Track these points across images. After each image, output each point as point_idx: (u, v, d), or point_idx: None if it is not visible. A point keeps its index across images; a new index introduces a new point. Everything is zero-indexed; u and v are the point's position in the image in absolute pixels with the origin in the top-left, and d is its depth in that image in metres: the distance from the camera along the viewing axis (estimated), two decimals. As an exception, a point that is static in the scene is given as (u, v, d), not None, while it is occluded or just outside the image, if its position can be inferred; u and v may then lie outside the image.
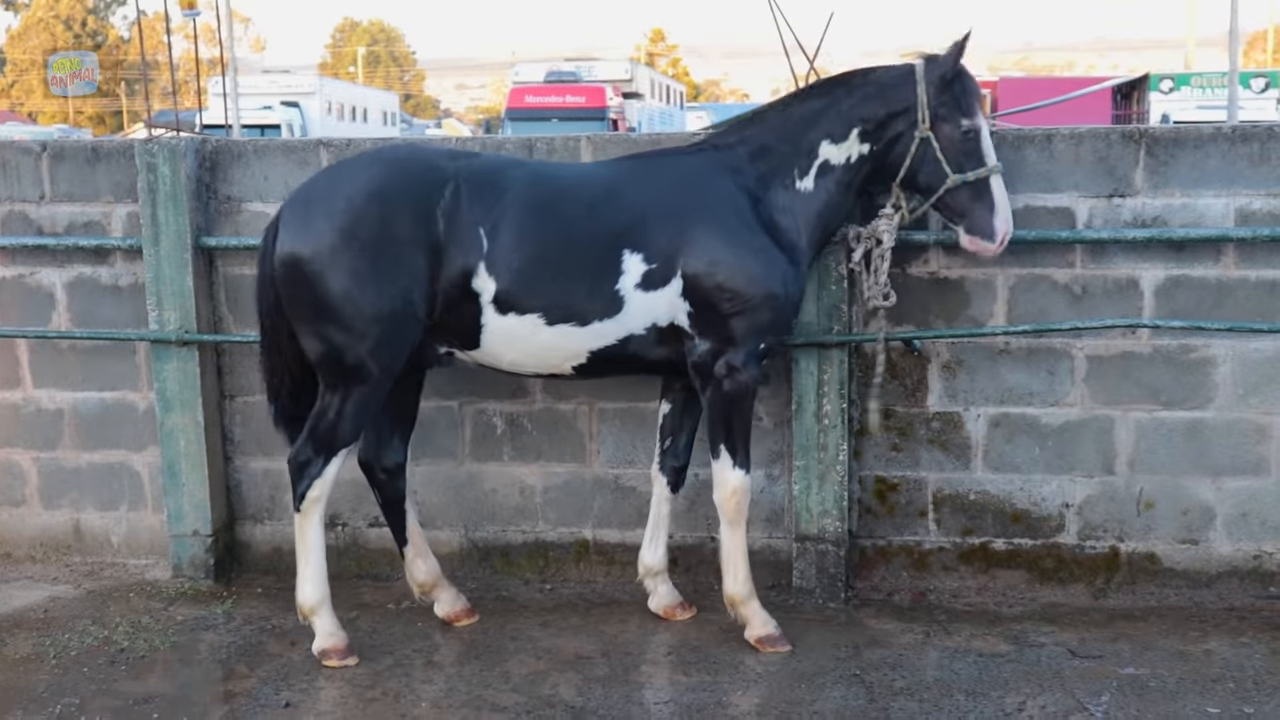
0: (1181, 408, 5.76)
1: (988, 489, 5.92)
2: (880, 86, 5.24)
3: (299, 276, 4.91)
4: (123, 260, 6.23)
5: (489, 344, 5.05)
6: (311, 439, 5.07)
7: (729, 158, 5.22)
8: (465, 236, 4.90)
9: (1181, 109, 31.51)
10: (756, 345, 5.11)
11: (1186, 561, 5.85)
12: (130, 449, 6.38)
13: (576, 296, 4.97)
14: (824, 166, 5.24)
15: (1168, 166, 5.64)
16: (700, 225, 5.03)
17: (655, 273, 5.00)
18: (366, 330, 4.87)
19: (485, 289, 4.92)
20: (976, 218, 5.20)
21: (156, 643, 5.47)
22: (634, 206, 5.05)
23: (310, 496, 5.11)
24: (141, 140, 6.16)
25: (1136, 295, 5.71)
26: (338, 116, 40.60)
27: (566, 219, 5.01)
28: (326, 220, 4.89)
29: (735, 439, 5.19)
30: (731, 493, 5.23)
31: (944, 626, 5.53)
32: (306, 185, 5.16)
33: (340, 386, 4.99)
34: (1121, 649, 5.27)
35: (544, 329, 4.99)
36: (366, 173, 5.00)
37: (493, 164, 5.14)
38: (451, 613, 5.60)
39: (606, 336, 5.04)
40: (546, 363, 5.15)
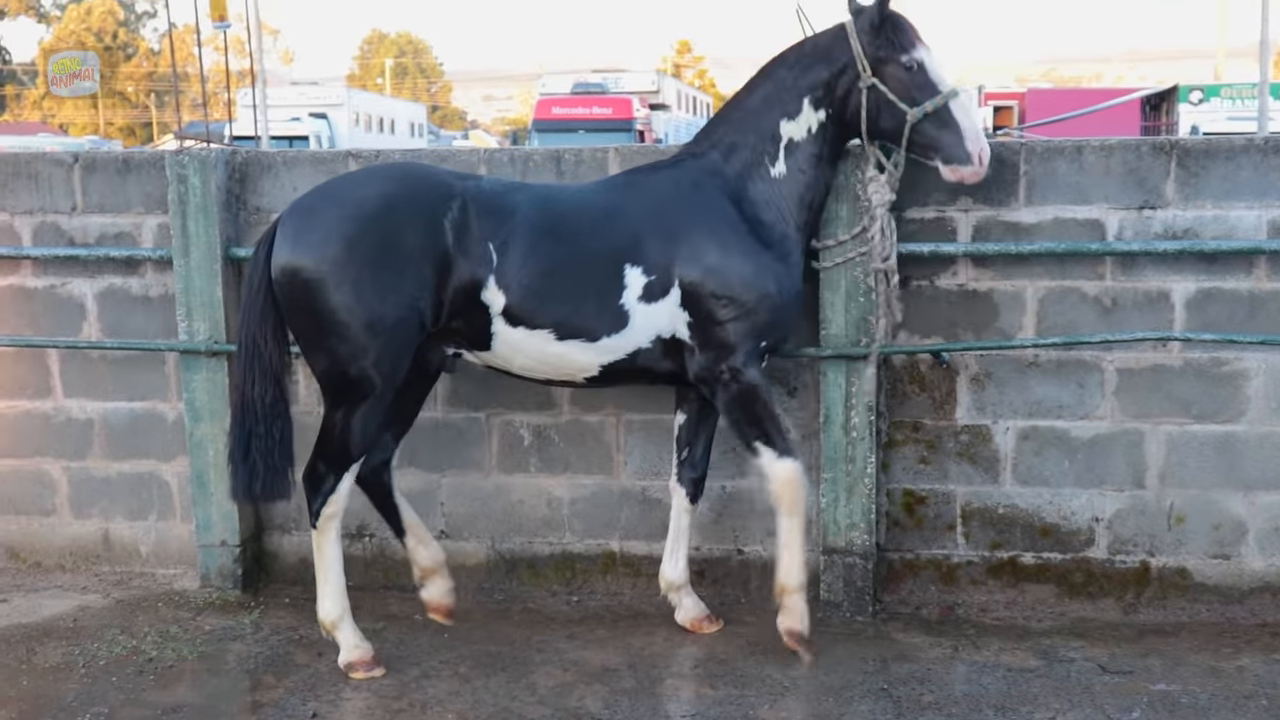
0: (1213, 421, 5.72)
1: (1017, 502, 5.88)
2: (817, 51, 5.29)
3: (302, 288, 4.90)
4: (153, 271, 6.26)
5: (500, 350, 5.11)
6: (323, 456, 5.08)
7: (706, 163, 5.29)
8: (475, 250, 4.95)
9: (1211, 120, 31.34)
10: (756, 346, 5.15)
11: (1218, 576, 5.80)
12: (159, 459, 6.41)
13: (585, 312, 5.03)
14: (790, 146, 5.28)
15: (1199, 178, 5.61)
16: (690, 235, 5.10)
17: (655, 285, 5.06)
18: (369, 342, 4.88)
19: (495, 302, 4.98)
20: (948, 145, 5.15)
21: (184, 652, 5.48)
22: (630, 222, 5.12)
23: (326, 513, 5.11)
24: (172, 152, 6.19)
25: (1167, 308, 5.67)
26: (365, 128, 40.76)
27: (571, 238, 5.07)
28: (331, 229, 4.89)
29: (768, 431, 5.17)
30: (785, 483, 5.18)
31: (972, 641, 5.49)
32: (307, 197, 5.16)
33: (345, 400, 4.99)
34: (1152, 665, 5.22)
35: (554, 343, 5.05)
36: (373, 183, 5.06)
37: (500, 185, 5.22)
38: (434, 601, 5.60)
39: (616, 351, 5.11)
40: (559, 372, 5.20)
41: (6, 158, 6.54)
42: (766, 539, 5.99)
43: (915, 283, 5.76)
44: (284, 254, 4.93)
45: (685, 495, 5.60)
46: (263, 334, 5.04)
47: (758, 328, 5.12)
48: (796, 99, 5.27)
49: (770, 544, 5.97)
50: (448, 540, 6.21)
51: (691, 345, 5.13)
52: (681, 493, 5.60)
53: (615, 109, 33.66)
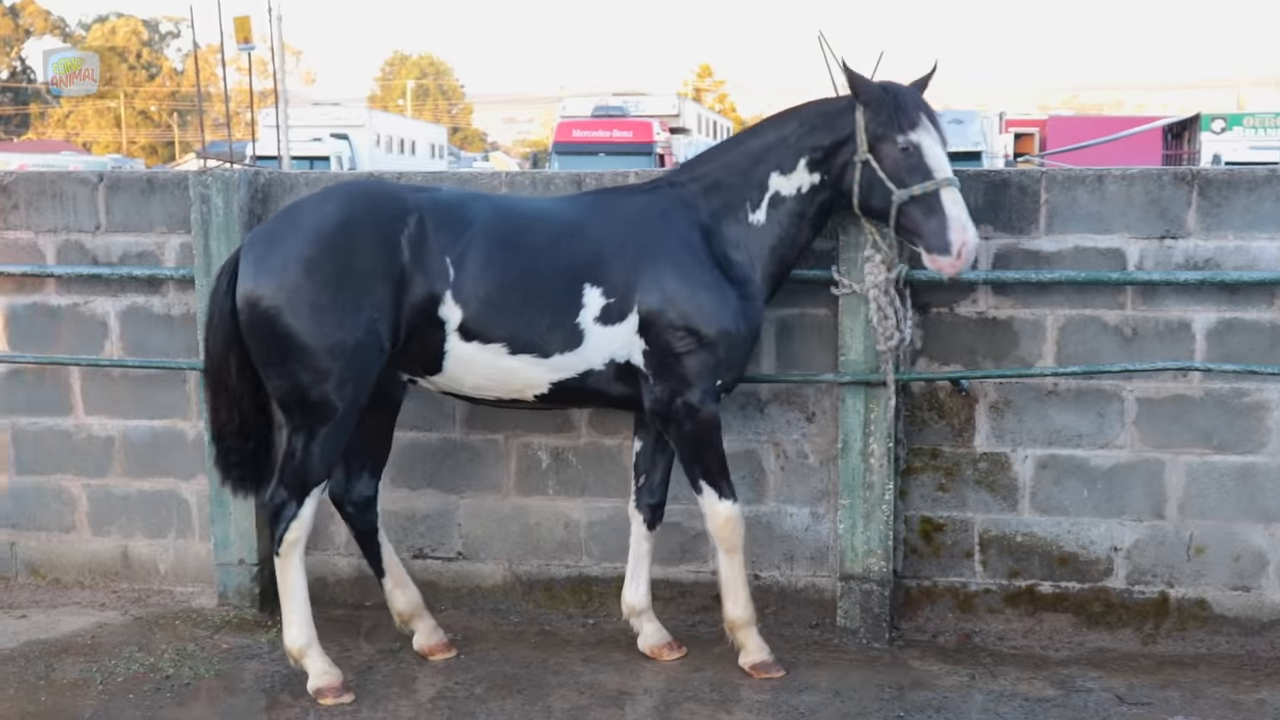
0: (1234, 452, 5.70)
1: (1035, 531, 5.86)
2: (825, 116, 5.23)
3: (262, 315, 4.91)
4: (175, 290, 6.29)
5: (451, 369, 5.09)
6: (284, 481, 5.08)
7: (682, 194, 5.27)
8: (431, 265, 4.95)
9: (1234, 149, 31.28)
10: (713, 383, 5.14)
11: (1238, 608, 5.77)
12: (179, 477, 6.43)
13: (539, 328, 5.02)
14: (775, 198, 5.25)
15: (1221, 209, 5.60)
16: (654, 261, 5.09)
17: (613, 307, 5.05)
18: (330, 366, 4.88)
19: (451, 317, 4.97)
20: (930, 233, 4.98)
21: (201, 670, 5.49)
22: (594, 241, 5.12)
23: (289, 539, 5.09)
24: (195, 172, 6.23)
25: (1188, 338, 5.66)
26: (386, 149, 40.89)
27: (531, 251, 5.07)
28: (289, 255, 4.91)
29: (713, 472, 5.23)
30: (724, 522, 5.26)
31: (990, 669, 5.47)
32: (265, 225, 5.22)
33: (306, 425, 4.99)
34: (1171, 696, 5.20)
35: (506, 357, 5.03)
36: (326, 206, 5.04)
37: (456, 197, 5.22)
38: (428, 645, 5.59)
39: (567, 369, 5.09)
40: (509, 388, 5.17)
41: (32, 177, 6.59)
42: (784, 564, 5.99)
43: (935, 310, 5.76)
44: (246, 283, 4.95)
45: (643, 521, 5.57)
46: (227, 364, 5.09)
47: (715, 363, 5.11)
48: (794, 156, 5.23)
49: (787, 568, 5.98)
50: (465, 561, 6.22)
51: (646, 373, 5.12)
52: (640, 518, 5.57)
53: (636, 132, 33.68)
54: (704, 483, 5.24)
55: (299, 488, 5.04)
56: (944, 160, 5.07)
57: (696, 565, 6.06)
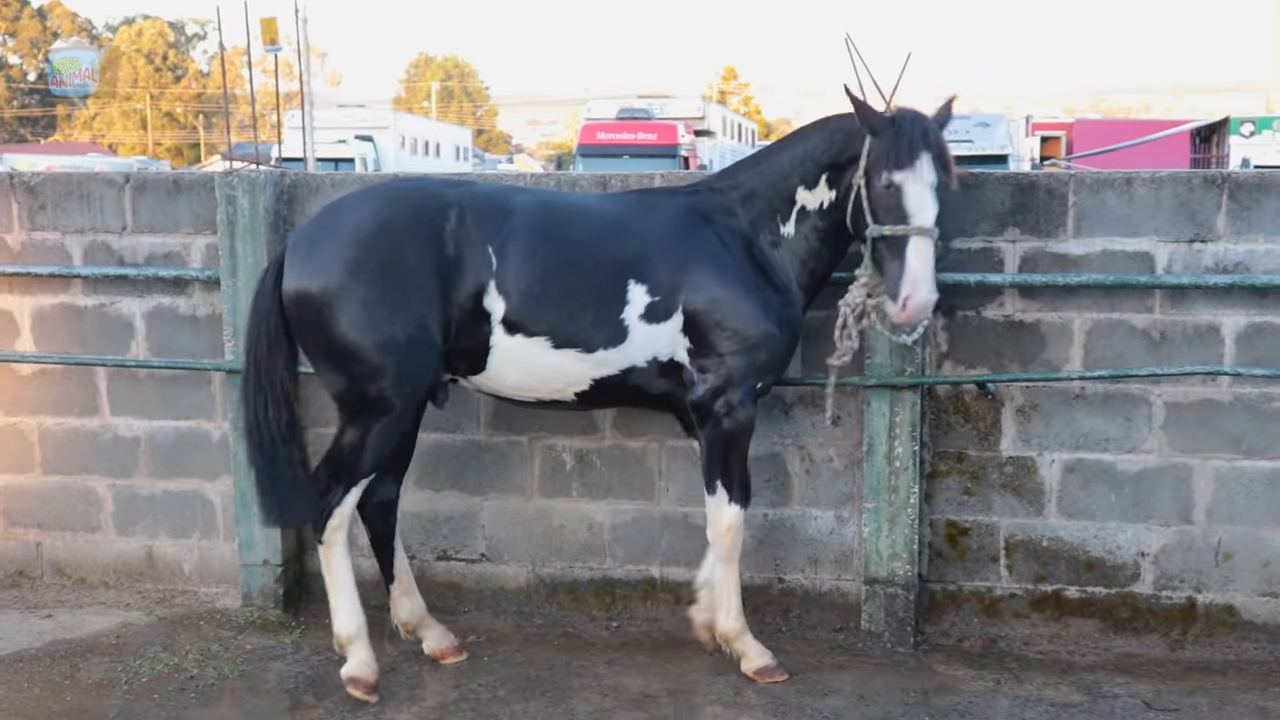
0: (1263, 457, 5.65)
1: (1061, 536, 5.83)
2: (845, 134, 5.09)
3: (310, 312, 4.94)
4: (200, 291, 6.31)
5: (495, 366, 5.06)
6: (330, 469, 5.08)
7: (723, 201, 5.25)
8: (474, 256, 4.94)
9: (1263, 153, 31.11)
10: (754, 385, 5.14)
11: (1266, 615, 5.72)
12: (204, 478, 6.45)
13: (583, 322, 5.00)
14: (801, 213, 5.21)
15: (1251, 212, 5.56)
16: (700, 263, 5.08)
17: (658, 305, 5.04)
18: (384, 361, 4.89)
19: (495, 308, 4.96)
20: (888, 276, 4.88)
21: (226, 671, 5.50)
22: (639, 238, 5.10)
23: (332, 525, 5.10)
24: (221, 174, 6.25)
25: (1217, 342, 5.62)
26: (411, 151, 41.00)
27: (574, 243, 5.05)
28: (334, 256, 4.91)
29: (732, 475, 5.20)
30: (727, 529, 5.23)
31: (1015, 674, 5.44)
32: (307, 226, 5.17)
33: (361, 418, 5.00)
34: (1199, 703, 5.16)
35: (550, 351, 5.01)
36: (367, 207, 5.04)
37: (496, 189, 5.23)
38: (439, 649, 5.57)
39: (610, 365, 5.07)
40: (550, 386, 5.14)
41: (59, 177, 6.61)
42: (808, 567, 5.97)
43: (961, 313, 5.73)
44: (293, 282, 4.97)
45: None
46: (273, 361, 5.07)
47: (757, 365, 5.09)
48: (816, 171, 5.17)
49: (812, 572, 5.95)
50: (488, 563, 6.22)
51: (691, 370, 5.11)
52: None
53: (660, 135, 33.67)
54: (720, 483, 5.20)
55: (346, 477, 5.05)
56: (925, 207, 4.84)
57: (720, 568, 6.03)
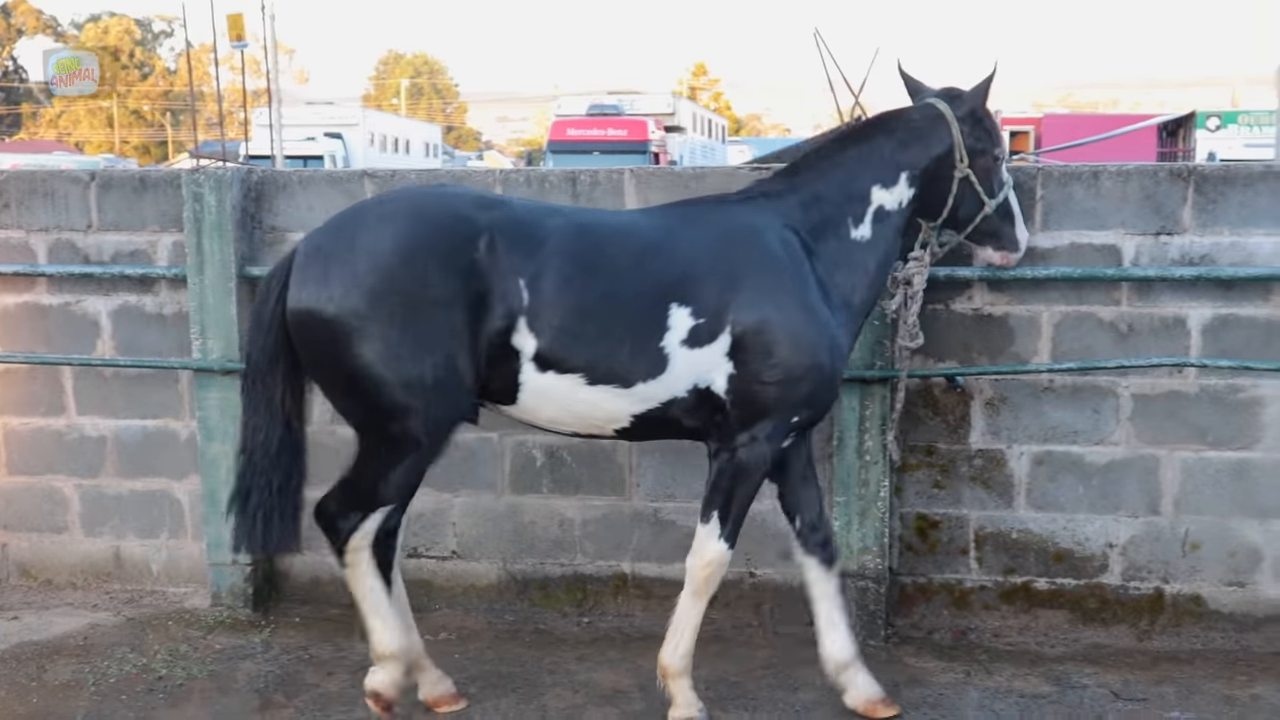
0: (1229, 448, 5.69)
1: (1030, 527, 5.86)
2: (917, 131, 5.03)
3: (321, 336, 4.43)
4: (167, 289, 6.27)
5: (527, 401, 4.61)
6: (346, 494, 4.62)
7: (781, 206, 4.85)
8: (505, 289, 4.43)
9: (1228, 147, 31.40)
10: (788, 420, 4.69)
11: (1233, 604, 5.76)
12: (171, 477, 6.41)
13: (620, 355, 4.52)
14: (879, 213, 4.93)
15: (1216, 205, 5.60)
16: (752, 280, 4.62)
17: (703, 328, 4.55)
18: (409, 401, 4.41)
19: (525, 346, 4.47)
20: (1005, 235, 5.18)
21: (194, 671, 5.47)
22: (683, 257, 4.63)
23: (352, 547, 4.65)
24: (188, 171, 6.22)
25: (1183, 334, 5.65)
26: (380, 148, 40.90)
27: (612, 272, 4.56)
28: (351, 277, 4.38)
29: (730, 510, 4.74)
30: (707, 564, 4.76)
31: (985, 666, 5.46)
32: (321, 237, 4.60)
33: (384, 454, 4.55)
34: (1166, 692, 5.19)
35: (584, 388, 4.54)
36: (394, 224, 4.48)
37: (529, 212, 4.67)
38: (433, 696, 5.07)
39: (650, 399, 4.59)
40: (588, 423, 4.69)
41: (23, 175, 6.57)
42: (779, 562, 5.97)
43: (930, 307, 5.74)
44: (301, 298, 4.46)
45: (819, 562, 4.98)
46: (273, 375, 4.61)
47: (797, 399, 4.64)
48: (893, 170, 4.96)
49: (783, 566, 5.96)
50: (459, 560, 6.21)
51: (724, 400, 4.63)
52: (814, 560, 4.98)
53: (630, 131, 33.74)
54: (715, 515, 4.73)
55: (364, 503, 4.60)
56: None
57: (691, 563, 6.03)
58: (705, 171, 6.05)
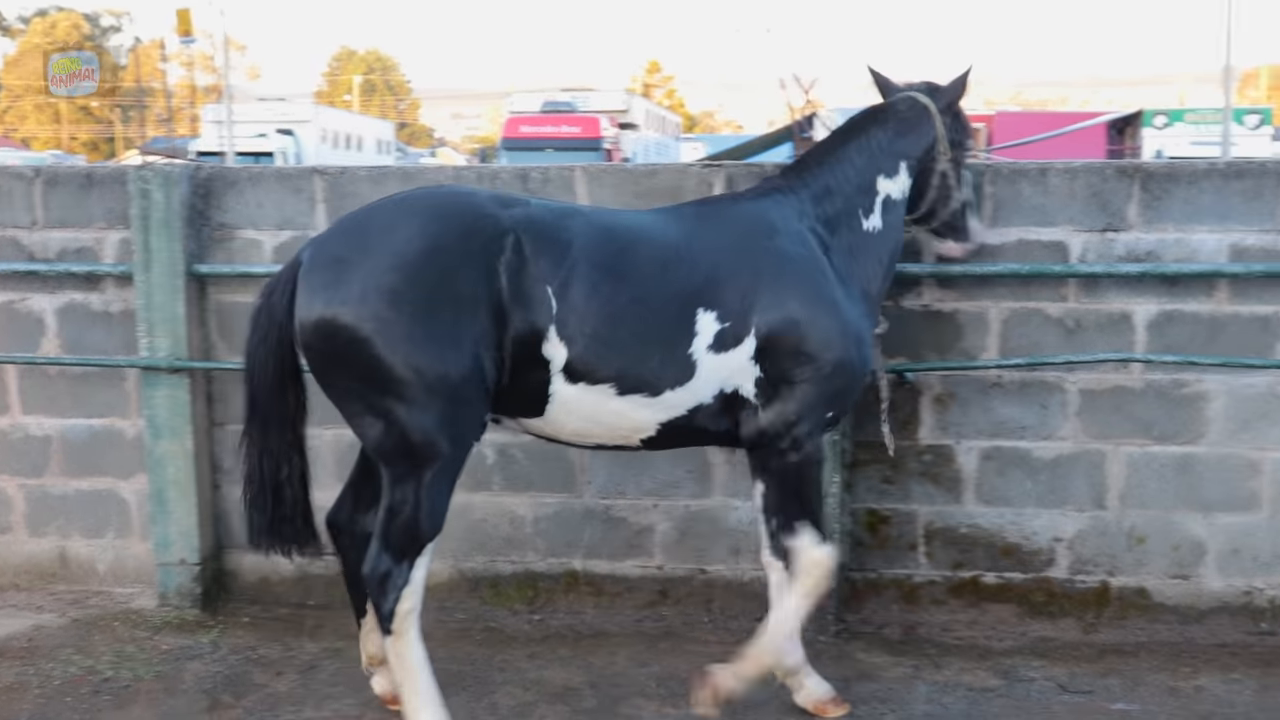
0: (1174, 442, 5.75)
1: (979, 522, 5.90)
2: (907, 121, 5.10)
3: (340, 345, 4.20)
4: (114, 287, 6.21)
5: (554, 414, 4.46)
6: (388, 545, 4.33)
7: (794, 202, 4.85)
8: (532, 295, 4.27)
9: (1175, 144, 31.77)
10: (823, 416, 4.67)
11: (1177, 597, 5.83)
12: (118, 476, 6.35)
13: (650, 363, 4.42)
14: (887, 202, 5.00)
15: (1161, 201, 5.65)
16: (775, 278, 4.59)
17: (728, 332, 4.49)
18: (431, 402, 4.20)
19: (556, 355, 4.32)
20: (964, 227, 5.27)
21: (141, 672, 5.42)
22: (705, 260, 4.55)
23: (402, 611, 4.35)
24: (135, 167, 6.15)
25: (1129, 329, 5.71)
26: (332, 144, 40.70)
27: (639, 277, 4.44)
28: (370, 278, 4.17)
29: (815, 512, 4.71)
30: (824, 572, 4.70)
31: (934, 660, 5.50)
32: (331, 243, 4.38)
33: (411, 472, 4.28)
34: (1112, 684, 5.24)
35: (614, 399, 4.42)
36: (412, 223, 4.28)
37: (552, 213, 4.50)
38: (390, 693, 4.84)
39: (677, 407, 4.51)
40: (615, 433, 4.58)
41: (-34, 171, 6.48)
42: (729, 558, 5.99)
43: (881, 303, 5.77)
44: (315, 308, 4.23)
45: (784, 568, 4.86)
46: (284, 400, 4.47)
47: (829, 394, 4.63)
48: (894, 160, 5.02)
49: (733, 562, 5.98)
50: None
51: (755, 404, 4.59)
52: (779, 565, 4.86)
53: (584, 128, 33.77)
54: (801, 523, 4.67)
55: (409, 547, 4.33)
56: None
57: (643, 560, 6.05)
58: (657, 169, 6.05)
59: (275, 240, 6.09)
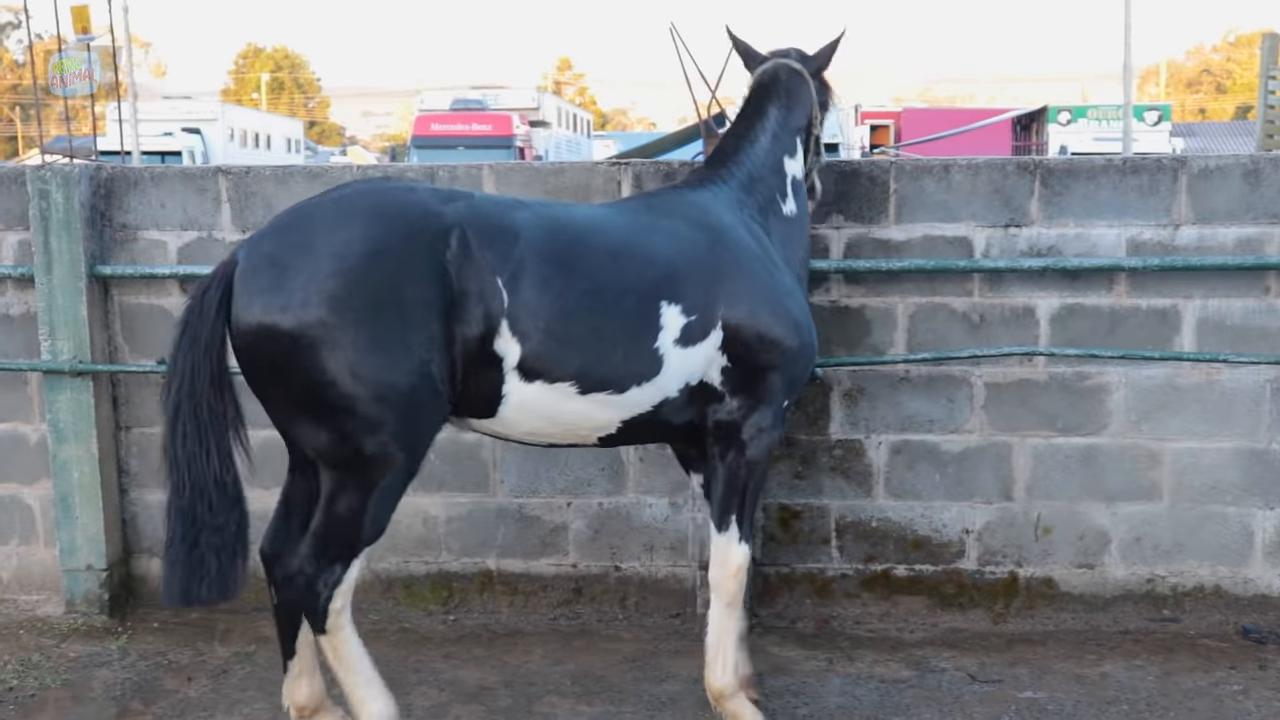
0: (1077, 434, 5.86)
1: (889, 516, 5.97)
2: (793, 95, 5.12)
3: (279, 353, 3.95)
4: (14, 289, 6.09)
5: (507, 414, 4.29)
6: (321, 546, 4.14)
7: (733, 191, 4.83)
8: (482, 289, 4.09)
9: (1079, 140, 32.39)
10: (784, 402, 4.66)
11: (1083, 586, 5.94)
12: (21, 482, 6.22)
13: (613, 359, 4.28)
14: (795, 183, 5.02)
15: (1061, 197, 5.76)
16: (735, 269, 4.54)
17: (695, 325, 4.39)
18: (382, 414, 4.00)
19: (509, 352, 4.14)
20: (815, 184, 5.31)
21: (47, 681, 5.33)
22: (663, 251, 4.45)
23: (334, 608, 4.19)
24: (34, 167, 6.03)
25: (1033, 323, 5.81)
26: (241, 143, 40.14)
27: (593, 268, 4.29)
28: (311, 283, 3.92)
29: (746, 509, 4.65)
30: (737, 569, 4.65)
31: (846, 653, 5.56)
32: (267, 241, 4.10)
33: (360, 481, 4.09)
34: (1020, 673, 5.33)
35: (575, 399, 4.27)
36: (352, 223, 4.05)
37: (497, 206, 4.35)
38: None
39: (642, 404, 4.39)
40: (575, 434, 4.46)
41: None
42: (644, 555, 6.01)
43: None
44: (253, 313, 3.98)
45: None
46: (219, 402, 4.11)
47: (790, 380, 4.64)
48: (791, 137, 5.03)
49: (648, 559, 6.00)
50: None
51: (722, 392, 4.52)
52: None
53: (495, 126, 33.61)
54: (733, 519, 4.62)
55: (344, 551, 4.16)
56: None
57: (557, 559, 6.05)
58: (565, 167, 6.05)
59: (180, 241, 6.02)
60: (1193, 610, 5.89)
